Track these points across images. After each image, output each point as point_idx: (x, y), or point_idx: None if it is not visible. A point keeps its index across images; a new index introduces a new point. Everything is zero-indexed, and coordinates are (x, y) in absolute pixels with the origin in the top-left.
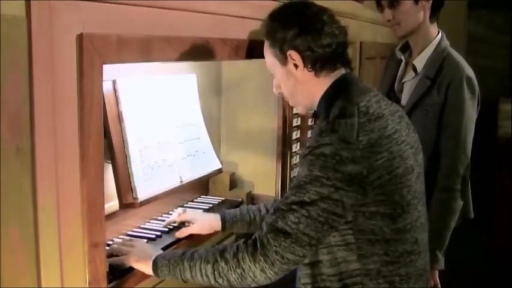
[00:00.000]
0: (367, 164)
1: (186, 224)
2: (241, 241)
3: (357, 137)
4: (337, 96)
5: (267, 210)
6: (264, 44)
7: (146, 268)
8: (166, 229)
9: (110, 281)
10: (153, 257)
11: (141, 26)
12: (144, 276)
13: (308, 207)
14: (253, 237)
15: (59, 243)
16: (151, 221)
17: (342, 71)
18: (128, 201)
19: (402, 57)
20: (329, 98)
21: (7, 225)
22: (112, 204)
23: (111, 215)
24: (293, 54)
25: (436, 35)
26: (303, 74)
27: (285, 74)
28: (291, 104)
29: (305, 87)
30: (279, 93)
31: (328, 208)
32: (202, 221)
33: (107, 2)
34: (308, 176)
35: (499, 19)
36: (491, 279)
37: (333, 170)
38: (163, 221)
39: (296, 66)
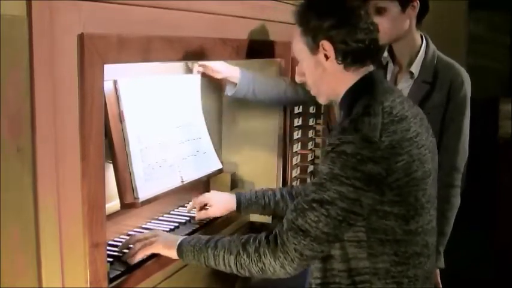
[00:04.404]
0: (387, 165)
1: (205, 207)
2: (263, 235)
3: (380, 137)
4: (363, 93)
5: (282, 196)
6: (294, 30)
7: (172, 253)
8: (174, 225)
9: (116, 279)
10: (178, 242)
11: (141, 26)
12: (145, 275)
13: (327, 206)
14: (273, 233)
15: (60, 243)
16: (152, 221)
17: (370, 68)
18: (128, 201)
19: (392, 64)
20: (354, 94)
21: (8, 225)
22: (113, 204)
23: (112, 215)
24: (326, 45)
25: (421, 40)
26: (332, 66)
27: (313, 63)
28: (312, 93)
29: (331, 79)
30: (300, 81)
31: (346, 207)
32: (218, 203)
33: (108, 2)
34: (329, 174)
35: (499, 19)
36: (491, 279)
37: (353, 169)
38: (165, 221)
39: (326, 57)
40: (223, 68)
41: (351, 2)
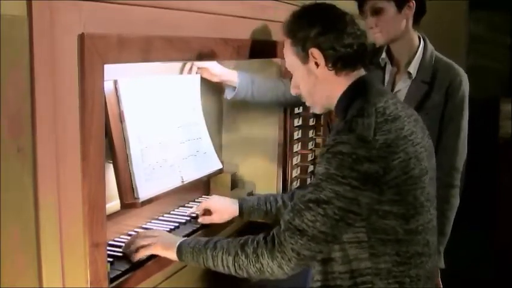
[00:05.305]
0: (384, 163)
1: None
2: (261, 236)
3: (374, 136)
4: (356, 97)
5: (284, 202)
6: (283, 43)
7: (171, 254)
8: (174, 225)
9: (117, 279)
10: (178, 243)
11: (142, 26)
12: (145, 276)
13: (324, 206)
14: (271, 234)
15: (60, 244)
16: (152, 221)
17: (361, 72)
18: (129, 201)
19: (390, 65)
20: (347, 98)
21: (8, 225)
22: (113, 204)
23: (112, 215)
24: (315, 52)
25: (419, 40)
26: (324, 73)
27: (306, 72)
28: (308, 103)
29: (324, 86)
30: (296, 93)
31: (343, 206)
32: (221, 211)
33: (108, 2)
34: (325, 174)
35: (499, 19)
36: (491, 279)
37: (349, 169)
38: (165, 221)
39: (317, 64)
40: (221, 72)
41: (335, 9)
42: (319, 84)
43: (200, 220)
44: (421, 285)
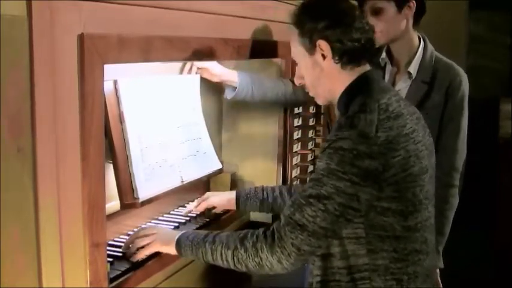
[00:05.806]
0: (384, 160)
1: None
2: (260, 230)
3: (376, 132)
4: (359, 92)
5: (281, 192)
6: (289, 36)
7: (171, 249)
8: (174, 225)
9: (116, 279)
10: (176, 237)
11: (142, 26)
12: (145, 275)
13: (325, 201)
14: (271, 229)
15: (60, 244)
16: (152, 221)
17: (366, 67)
18: (128, 201)
19: (390, 65)
20: (350, 93)
21: (8, 225)
22: (113, 204)
23: (112, 215)
24: (322, 44)
25: (418, 40)
26: (329, 65)
27: (311, 64)
28: (311, 94)
29: (328, 79)
30: (299, 84)
31: (344, 202)
32: (219, 196)
33: (108, 2)
34: (326, 169)
35: (499, 19)
36: (491, 279)
37: (350, 165)
38: (165, 221)
39: (324, 56)
40: (221, 72)
41: (345, 3)
42: (324, 77)
43: (199, 207)
44: (419, 282)
